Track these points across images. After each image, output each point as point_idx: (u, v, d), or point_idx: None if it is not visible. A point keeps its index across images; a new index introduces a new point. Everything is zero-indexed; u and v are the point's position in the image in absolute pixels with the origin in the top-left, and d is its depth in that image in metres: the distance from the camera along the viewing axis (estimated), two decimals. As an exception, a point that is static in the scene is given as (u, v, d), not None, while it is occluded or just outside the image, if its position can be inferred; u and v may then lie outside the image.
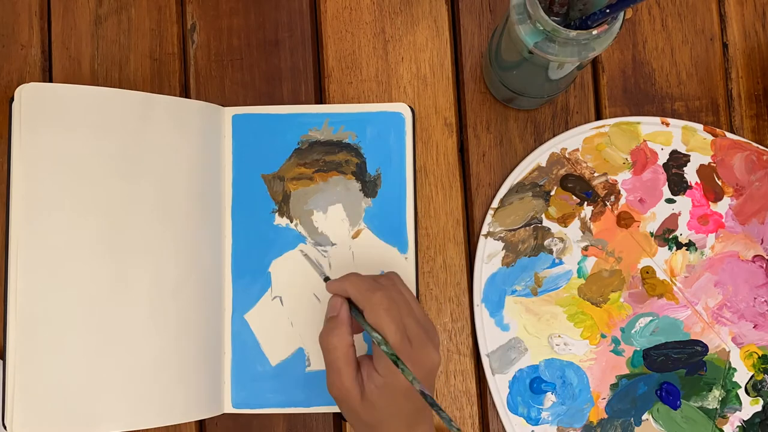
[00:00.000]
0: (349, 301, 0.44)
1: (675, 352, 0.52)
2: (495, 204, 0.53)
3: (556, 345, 0.52)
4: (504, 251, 0.53)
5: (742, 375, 0.52)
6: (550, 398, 0.51)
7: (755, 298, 0.53)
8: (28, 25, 0.55)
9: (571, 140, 0.53)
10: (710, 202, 0.53)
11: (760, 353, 0.52)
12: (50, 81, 0.55)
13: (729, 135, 0.54)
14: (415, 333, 0.42)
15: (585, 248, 0.53)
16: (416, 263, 0.52)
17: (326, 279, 0.47)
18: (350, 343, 0.43)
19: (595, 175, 0.53)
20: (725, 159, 0.54)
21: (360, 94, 0.55)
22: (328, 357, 0.43)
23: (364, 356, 0.44)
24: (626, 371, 0.52)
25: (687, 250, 0.53)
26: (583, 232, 0.53)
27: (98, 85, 0.54)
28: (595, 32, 0.40)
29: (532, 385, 0.51)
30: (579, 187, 0.53)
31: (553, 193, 0.53)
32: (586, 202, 0.53)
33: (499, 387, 0.51)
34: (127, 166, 0.49)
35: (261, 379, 0.52)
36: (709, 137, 0.54)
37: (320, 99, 0.55)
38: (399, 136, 0.53)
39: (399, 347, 0.41)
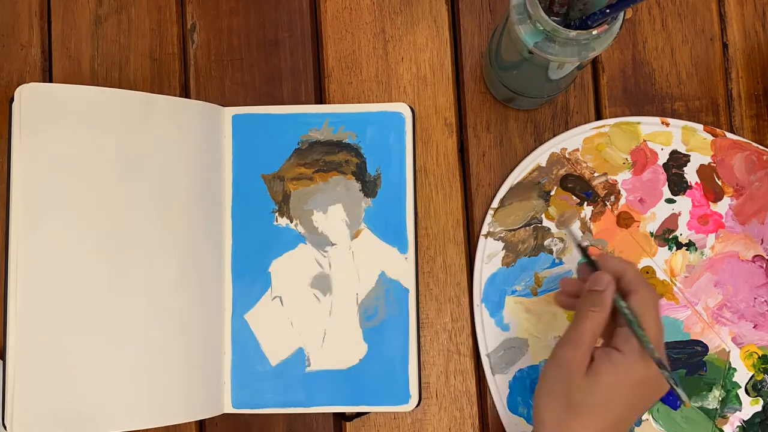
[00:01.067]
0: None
1: (675, 352, 0.52)
2: (495, 204, 0.53)
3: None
4: (504, 251, 0.53)
5: (742, 375, 0.52)
6: (550, 398, 0.51)
7: (755, 298, 0.52)
8: (28, 25, 0.55)
9: (571, 140, 0.53)
10: (710, 202, 0.53)
11: (760, 353, 0.52)
12: (50, 81, 0.55)
13: (729, 135, 0.54)
14: (660, 339, 0.41)
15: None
16: (416, 263, 0.52)
17: (580, 246, 0.45)
18: (606, 322, 0.41)
19: (595, 175, 0.53)
20: (725, 159, 0.54)
21: (360, 94, 0.55)
22: (580, 324, 0.41)
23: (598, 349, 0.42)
24: (626, 371, 0.52)
25: (687, 250, 0.53)
26: (583, 232, 0.53)
27: (98, 85, 0.54)
28: (595, 32, 0.40)
29: (533, 385, 0.51)
30: (579, 187, 0.53)
31: (553, 193, 0.53)
32: (586, 202, 0.53)
33: (499, 387, 0.51)
34: (127, 166, 0.49)
35: (261, 379, 0.52)
36: (709, 137, 0.54)
37: (320, 99, 0.55)
38: (399, 136, 0.53)
39: (655, 342, 0.40)
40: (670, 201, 0.53)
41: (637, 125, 0.54)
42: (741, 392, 0.52)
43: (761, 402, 0.52)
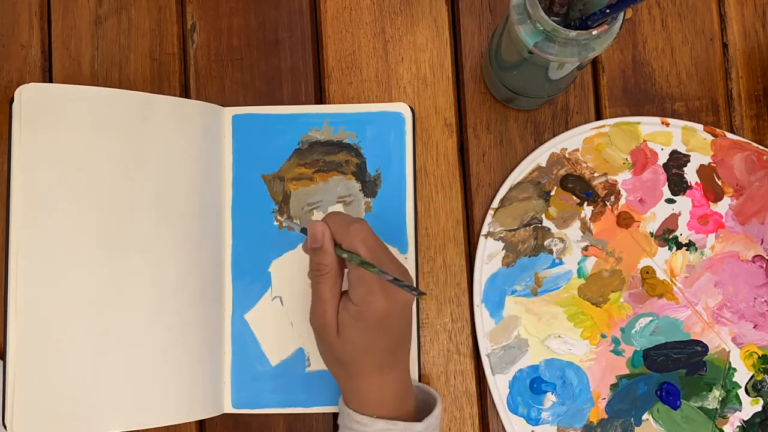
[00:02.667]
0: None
1: (675, 352, 0.52)
2: (495, 204, 0.53)
3: (557, 345, 0.52)
4: (504, 251, 0.53)
5: (742, 375, 0.52)
6: (550, 398, 0.51)
7: (755, 298, 0.52)
8: (28, 25, 0.55)
9: (571, 140, 0.53)
10: (710, 202, 0.53)
11: (760, 353, 0.52)
12: (50, 81, 0.55)
13: (729, 135, 0.54)
14: (389, 267, 0.42)
15: (585, 248, 0.53)
16: (416, 263, 0.52)
17: (303, 231, 0.47)
18: (338, 274, 0.43)
19: (595, 175, 0.53)
20: (725, 159, 0.54)
21: (360, 94, 0.55)
22: (315, 286, 0.43)
23: (344, 292, 0.44)
24: (626, 371, 0.52)
25: (687, 250, 0.53)
26: (583, 232, 0.53)
27: (98, 86, 0.54)
28: (595, 32, 0.40)
29: (533, 385, 0.51)
30: (579, 187, 0.53)
31: (553, 193, 0.53)
32: (586, 202, 0.53)
33: (499, 387, 0.51)
34: (127, 167, 0.49)
35: (261, 379, 0.52)
36: (709, 137, 0.54)
37: (320, 99, 0.55)
38: (399, 136, 0.53)
39: (378, 261, 0.42)
40: (670, 201, 0.53)
41: (637, 125, 0.54)
42: (741, 392, 0.52)
43: (761, 402, 0.52)
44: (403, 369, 0.46)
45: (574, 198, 0.53)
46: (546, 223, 0.53)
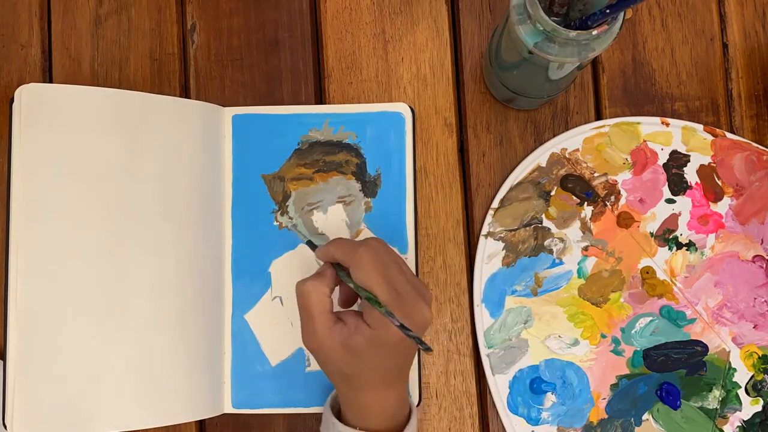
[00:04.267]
0: (339, 267, 0.44)
1: (675, 352, 0.52)
2: (495, 204, 0.53)
3: (557, 345, 0.52)
4: (504, 251, 0.53)
5: (742, 375, 0.52)
6: (550, 398, 0.51)
7: (755, 299, 0.52)
8: (28, 25, 0.55)
9: (571, 140, 0.53)
10: (710, 202, 0.53)
11: (760, 353, 0.52)
12: (50, 81, 0.55)
13: (729, 135, 0.54)
14: (404, 289, 0.42)
15: (585, 248, 0.53)
16: (416, 263, 0.52)
17: (309, 243, 0.48)
18: (326, 294, 0.43)
19: (595, 175, 0.53)
20: (725, 159, 0.54)
21: (360, 94, 0.55)
22: (301, 302, 0.43)
23: (351, 311, 0.44)
24: (626, 371, 0.52)
25: (687, 250, 0.53)
26: (583, 233, 0.53)
27: (98, 86, 0.54)
28: (595, 32, 0.40)
29: (533, 385, 0.51)
30: (579, 187, 0.53)
31: (553, 193, 0.53)
32: (586, 202, 0.53)
33: (499, 387, 0.51)
34: (127, 167, 0.49)
35: (261, 379, 0.52)
36: (709, 137, 0.54)
37: (320, 99, 0.55)
38: (399, 137, 0.53)
39: (389, 301, 0.41)
40: (670, 201, 0.53)
41: (637, 125, 0.54)
42: (741, 392, 0.52)
43: (761, 402, 0.52)
44: (406, 383, 0.46)
45: (574, 198, 0.53)
46: (546, 223, 0.53)
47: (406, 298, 0.42)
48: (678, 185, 0.53)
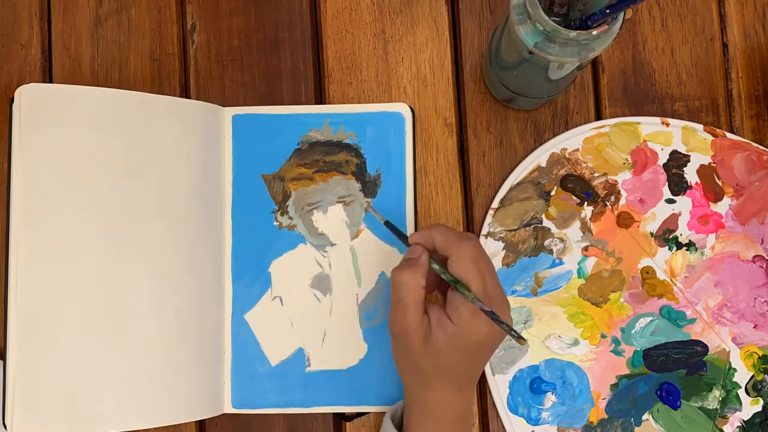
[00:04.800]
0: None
1: (675, 353, 0.52)
2: (495, 204, 0.53)
3: (557, 345, 0.52)
4: (504, 251, 0.53)
5: (742, 375, 0.52)
6: (550, 398, 0.51)
7: (755, 299, 0.52)
8: (28, 25, 0.55)
9: (571, 140, 0.53)
10: (710, 203, 0.53)
11: (760, 353, 0.52)
12: (50, 81, 0.55)
13: (729, 135, 0.54)
14: (495, 290, 0.42)
15: (585, 248, 0.53)
16: (416, 263, 0.52)
17: (388, 224, 0.47)
18: (422, 285, 0.42)
19: (595, 175, 0.53)
20: (725, 159, 0.54)
21: (360, 94, 0.55)
22: (397, 292, 0.42)
23: (434, 305, 0.43)
24: (626, 371, 0.52)
25: (687, 250, 0.53)
26: (583, 233, 0.53)
27: (98, 86, 0.54)
28: (595, 32, 0.40)
29: (533, 386, 0.51)
30: (579, 187, 0.53)
31: (553, 193, 0.53)
32: (586, 203, 0.53)
33: (499, 387, 0.51)
34: (127, 167, 0.49)
35: (261, 379, 0.52)
36: (709, 137, 0.54)
37: (320, 99, 0.55)
38: (399, 137, 0.53)
39: (481, 296, 0.41)
40: (670, 201, 0.53)
41: (637, 125, 0.54)
42: (741, 392, 0.52)
43: (761, 402, 0.52)
44: (473, 392, 0.46)
45: (574, 198, 0.53)
46: (546, 223, 0.53)
47: (494, 299, 0.42)
48: (678, 185, 0.53)
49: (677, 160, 0.53)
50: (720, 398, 0.52)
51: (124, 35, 0.55)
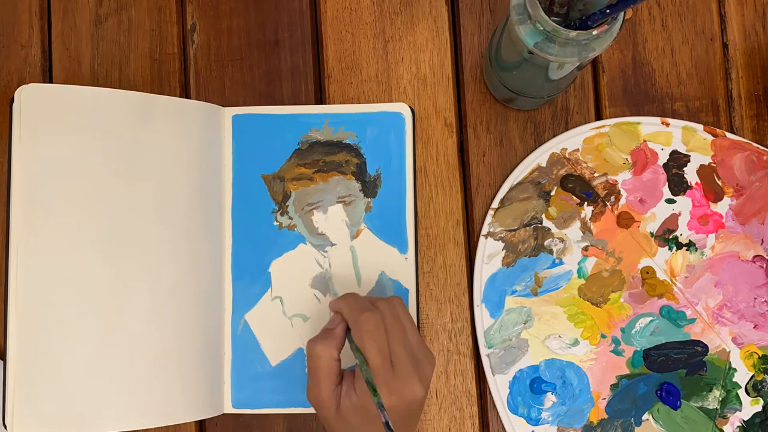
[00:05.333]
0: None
1: (675, 353, 0.52)
2: (495, 204, 0.53)
3: (557, 345, 0.52)
4: (504, 251, 0.53)
5: (743, 375, 0.52)
6: (550, 398, 0.51)
7: (755, 299, 0.52)
8: (28, 25, 0.55)
9: (571, 140, 0.53)
10: (710, 203, 0.53)
11: (761, 353, 0.52)
12: (50, 81, 0.55)
13: (729, 135, 0.54)
14: (401, 361, 0.41)
15: (585, 248, 0.53)
16: (416, 263, 0.52)
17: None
18: (335, 357, 0.43)
19: (596, 175, 0.53)
20: (725, 159, 0.54)
21: (360, 94, 0.55)
22: (310, 364, 0.43)
23: (351, 372, 0.44)
24: (626, 371, 0.52)
25: (687, 250, 0.53)
26: (583, 233, 0.53)
27: (98, 86, 0.54)
28: (595, 32, 0.40)
29: (533, 386, 0.51)
30: (579, 187, 0.53)
31: (553, 193, 0.53)
32: (586, 203, 0.53)
33: (499, 387, 0.51)
34: (127, 167, 0.49)
35: (261, 379, 0.52)
36: (709, 137, 0.54)
37: (320, 99, 0.55)
38: (399, 137, 0.53)
39: (378, 371, 0.41)
40: (670, 201, 0.53)
41: (637, 125, 0.54)
42: (741, 392, 0.52)
43: (761, 402, 0.52)
44: None
45: (574, 198, 0.53)
46: (546, 223, 0.53)
47: (400, 371, 0.41)
48: (678, 185, 0.53)
49: (677, 160, 0.53)
50: (720, 398, 0.52)
51: (124, 35, 0.55)
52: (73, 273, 0.48)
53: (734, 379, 0.52)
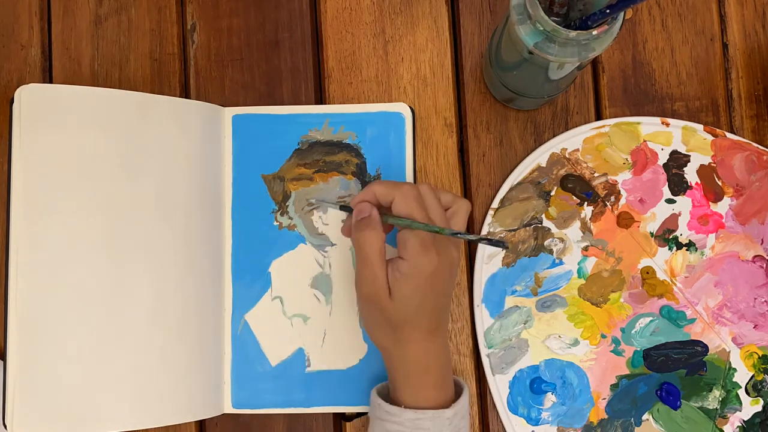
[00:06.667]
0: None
1: (675, 353, 0.52)
2: (495, 204, 0.53)
3: (557, 345, 0.52)
4: (504, 251, 0.53)
5: (743, 375, 0.52)
6: (550, 398, 0.51)
7: (755, 299, 0.52)
8: (28, 25, 0.55)
9: (571, 140, 0.53)
10: (710, 203, 0.53)
11: (760, 353, 0.52)
12: (50, 81, 0.55)
13: (729, 135, 0.54)
14: (444, 221, 0.44)
15: (585, 248, 0.53)
16: (416, 263, 0.52)
17: (342, 207, 0.49)
18: (383, 237, 0.44)
19: (596, 175, 0.53)
20: (725, 159, 0.54)
21: (360, 94, 0.55)
22: (362, 252, 0.43)
23: (390, 259, 0.44)
24: (626, 371, 0.52)
25: (687, 250, 0.53)
26: (583, 233, 0.53)
27: (98, 86, 0.54)
28: (595, 32, 0.40)
29: (533, 386, 0.52)
30: (579, 187, 0.53)
31: (553, 193, 0.53)
32: (586, 203, 0.53)
33: (499, 387, 0.51)
34: (127, 167, 0.49)
35: (261, 379, 0.52)
36: (709, 137, 0.54)
37: (320, 99, 0.55)
38: (399, 137, 0.53)
39: (425, 235, 0.43)
40: (670, 201, 0.53)
41: (637, 125, 0.54)
42: (741, 392, 0.52)
43: (761, 402, 0.52)
44: (446, 336, 0.47)
45: (574, 198, 0.53)
46: (546, 223, 0.53)
47: (439, 237, 0.44)
48: (678, 185, 0.53)
49: (677, 160, 0.53)
50: (720, 398, 0.52)
51: (124, 35, 0.55)
52: (73, 273, 0.48)
53: (734, 379, 0.52)
